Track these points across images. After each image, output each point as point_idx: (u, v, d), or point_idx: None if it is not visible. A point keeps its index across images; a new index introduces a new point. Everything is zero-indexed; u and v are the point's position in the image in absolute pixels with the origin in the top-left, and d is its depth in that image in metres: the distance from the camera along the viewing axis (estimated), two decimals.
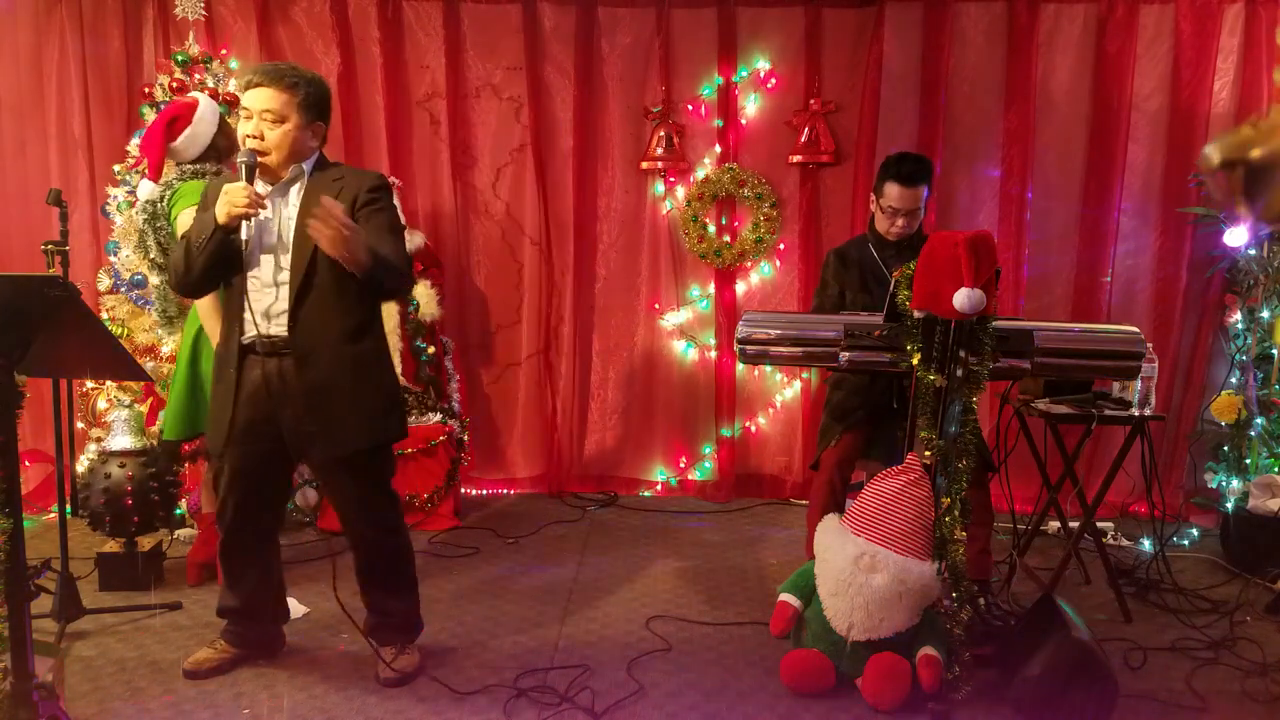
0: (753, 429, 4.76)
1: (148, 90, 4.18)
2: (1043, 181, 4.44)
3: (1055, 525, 3.99)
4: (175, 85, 4.05)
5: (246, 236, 2.42)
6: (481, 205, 4.67)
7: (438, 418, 4.25)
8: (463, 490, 4.58)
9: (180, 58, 4.06)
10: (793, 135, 4.52)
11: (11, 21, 4.43)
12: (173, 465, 3.41)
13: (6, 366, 1.97)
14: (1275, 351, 4.00)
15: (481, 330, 4.76)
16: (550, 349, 4.74)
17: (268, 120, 2.47)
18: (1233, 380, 4.12)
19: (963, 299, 2.38)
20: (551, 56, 4.56)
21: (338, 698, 2.60)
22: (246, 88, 2.51)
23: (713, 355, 4.70)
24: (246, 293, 2.49)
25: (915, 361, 2.59)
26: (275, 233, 2.51)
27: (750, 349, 2.87)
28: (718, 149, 4.58)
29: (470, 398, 4.73)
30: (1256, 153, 1.34)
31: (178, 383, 3.22)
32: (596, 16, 4.51)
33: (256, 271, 2.50)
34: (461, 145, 4.60)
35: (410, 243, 4.05)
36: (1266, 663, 2.85)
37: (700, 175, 4.60)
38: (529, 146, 4.59)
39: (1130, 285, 4.47)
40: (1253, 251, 4.05)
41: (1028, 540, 3.75)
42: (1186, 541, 4.11)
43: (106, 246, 4.15)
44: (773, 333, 2.87)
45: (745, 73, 4.53)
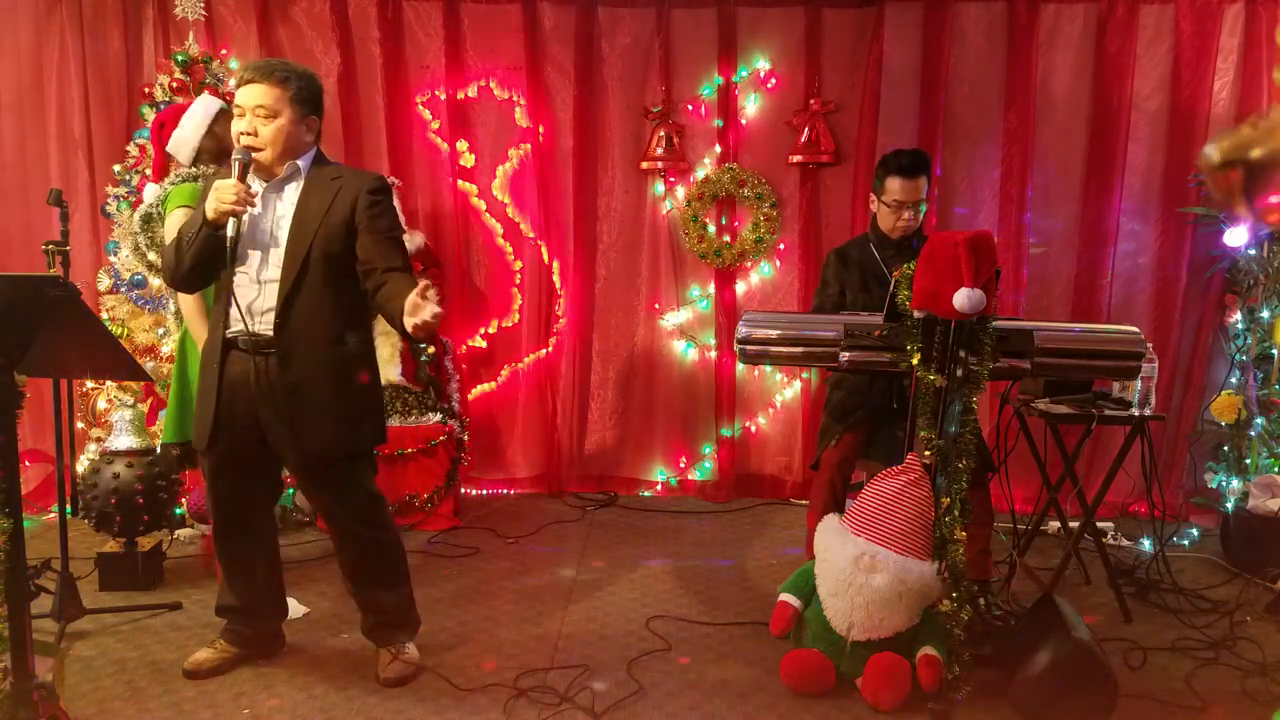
0: (753, 429, 4.76)
1: (148, 90, 4.19)
2: (1043, 181, 4.45)
3: (1055, 525, 3.99)
4: (175, 85, 4.06)
5: (233, 233, 2.40)
6: (481, 205, 4.67)
7: (438, 418, 4.24)
8: (463, 490, 4.58)
9: (180, 58, 4.06)
10: (793, 135, 4.52)
11: (11, 21, 4.43)
12: (172, 467, 3.41)
13: (6, 366, 1.97)
14: (1275, 351, 4.00)
15: (481, 330, 4.76)
16: (550, 349, 4.74)
17: (260, 116, 2.46)
18: (1233, 380, 4.12)
19: (963, 299, 2.38)
20: (551, 56, 4.56)
21: (338, 698, 2.60)
22: (239, 85, 2.50)
23: (713, 355, 4.70)
24: (233, 288, 2.48)
25: (915, 361, 2.59)
26: (267, 230, 2.50)
27: (750, 349, 2.87)
28: (718, 149, 4.58)
29: (470, 398, 4.73)
30: (1256, 153, 1.35)
31: (172, 386, 3.25)
32: (596, 16, 4.51)
33: (244, 267, 2.49)
34: (461, 145, 4.61)
35: (410, 243, 4.06)
36: (1266, 663, 2.85)
37: (700, 175, 4.60)
38: (529, 146, 4.59)
39: (1130, 285, 4.47)
40: (1253, 251, 4.05)
41: (1028, 540, 3.75)
42: (1186, 541, 4.12)
43: (106, 246, 4.16)
44: (773, 333, 2.86)
45: (745, 73, 4.53)
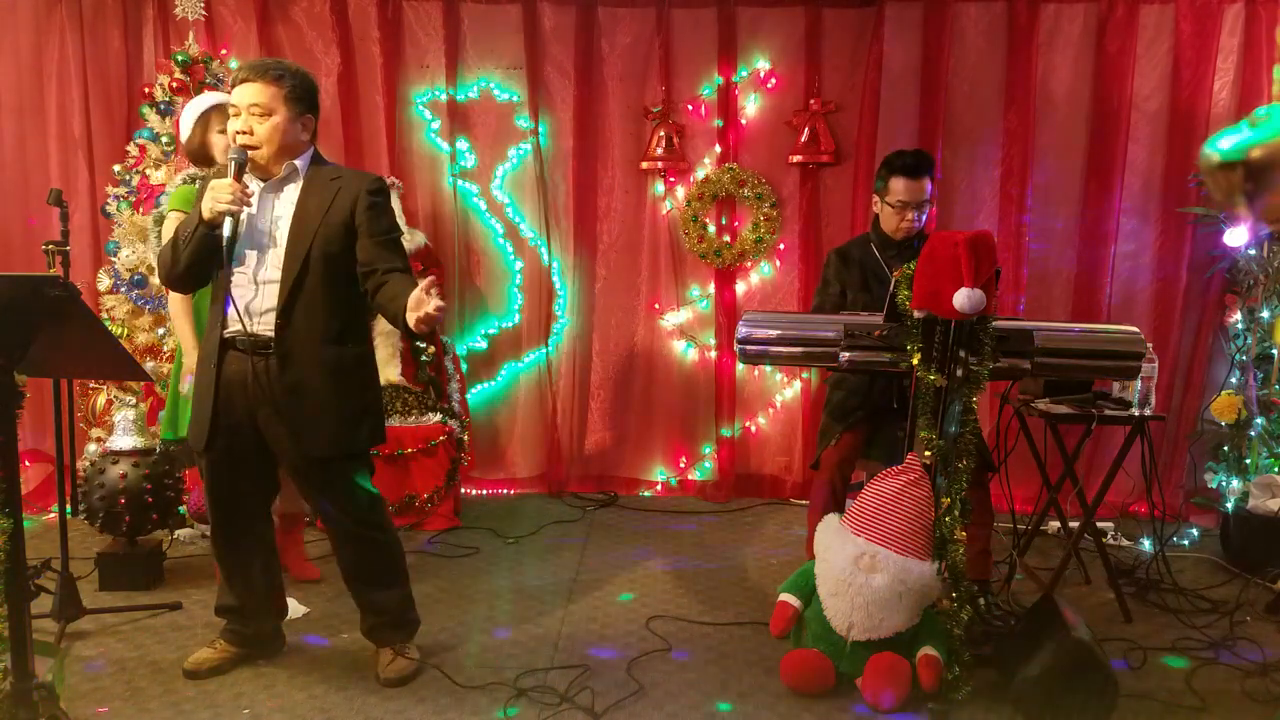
0: (753, 429, 4.76)
1: (148, 90, 4.19)
2: (1043, 181, 4.45)
3: (1055, 525, 3.99)
4: (175, 85, 4.06)
5: (229, 233, 2.39)
6: (481, 205, 4.66)
7: (438, 418, 4.24)
8: (463, 490, 4.57)
9: (180, 58, 4.06)
10: (793, 135, 4.52)
11: (11, 21, 4.43)
12: (172, 464, 3.41)
13: (6, 366, 1.97)
14: (1275, 351, 4.00)
15: (482, 330, 4.76)
16: (550, 349, 4.74)
17: (255, 114, 2.45)
18: (1233, 380, 4.11)
19: (963, 299, 2.38)
20: (551, 56, 4.56)
21: (338, 698, 2.60)
22: (233, 85, 2.50)
23: (713, 355, 4.70)
24: (230, 288, 2.47)
25: (915, 361, 2.59)
26: (265, 231, 2.50)
27: (750, 349, 2.87)
28: (718, 149, 4.57)
29: (470, 398, 4.73)
30: (1256, 153, 1.34)
31: (170, 384, 3.31)
32: (596, 16, 4.51)
33: (242, 268, 2.49)
34: (461, 145, 4.60)
35: (410, 243, 4.06)
36: (1266, 663, 2.85)
37: (700, 175, 4.60)
38: (529, 146, 4.59)
39: (1130, 285, 4.46)
40: (1253, 251, 4.05)
41: (1028, 540, 3.75)
42: (1186, 541, 4.12)
43: (106, 246, 4.15)
44: (773, 333, 2.87)
45: (745, 73, 4.53)
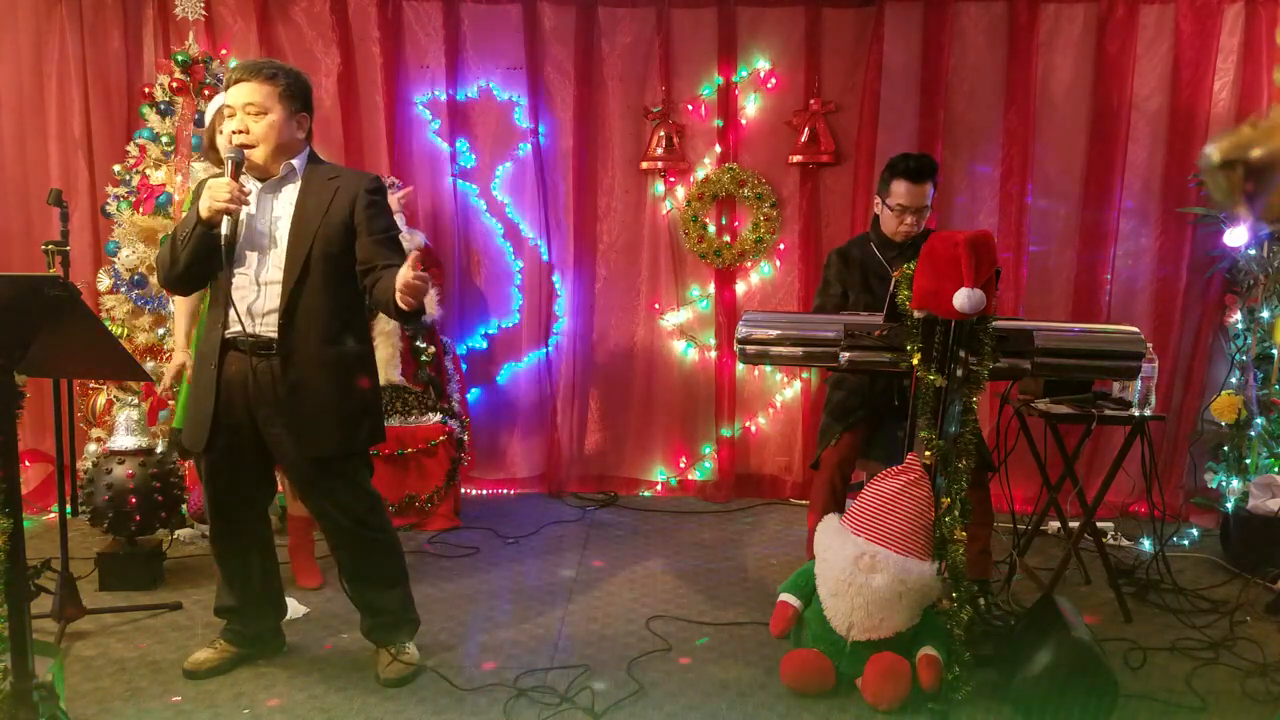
0: (752, 429, 4.76)
1: (148, 90, 4.19)
2: (1043, 181, 4.45)
3: (1055, 525, 3.99)
4: (175, 85, 4.06)
5: (227, 232, 2.39)
6: (481, 205, 4.67)
7: (438, 418, 4.24)
8: (463, 490, 4.57)
9: (180, 58, 4.06)
10: (793, 135, 4.52)
11: (11, 21, 4.43)
12: (180, 455, 3.42)
13: (6, 366, 1.97)
14: (1275, 351, 4.01)
15: (482, 330, 4.76)
16: (550, 349, 4.74)
17: (251, 113, 2.46)
18: (1233, 380, 4.12)
19: (963, 299, 2.38)
20: (551, 56, 4.56)
21: (338, 698, 2.60)
22: (228, 85, 2.50)
23: (713, 355, 4.70)
24: (230, 289, 2.47)
25: (915, 361, 2.59)
26: (265, 231, 2.50)
27: (750, 349, 2.87)
28: (718, 149, 4.58)
29: (470, 398, 4.73)
30: (1256, 153, 1.34)
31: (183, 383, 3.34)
32: (596, 16, 4.51)
33: (243, 269, 2.49)
34: (461, 145, 4.61)
35: (410, 242, 4.05)
36: (1266, 663, 2.85)
37: (700, 175, 4.60)
38: (529, 146, 4.59)
39: (1130, 285, 4.47)
40: (1253, 251, 4.05)
41: (1028, 540, 3.75)
42: (1186, 541, 4.12)
43: (106, 246, 4.15)
44: (773, 333, 2.86)
45: (745, 73, 4.53)
